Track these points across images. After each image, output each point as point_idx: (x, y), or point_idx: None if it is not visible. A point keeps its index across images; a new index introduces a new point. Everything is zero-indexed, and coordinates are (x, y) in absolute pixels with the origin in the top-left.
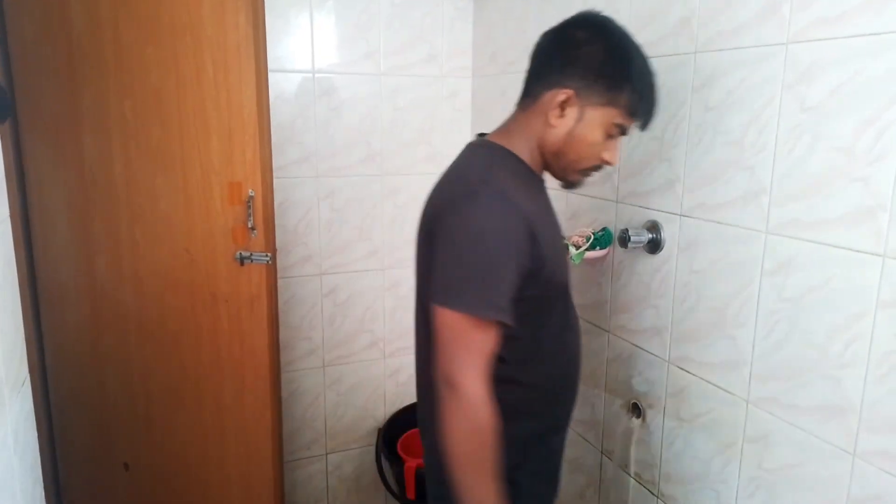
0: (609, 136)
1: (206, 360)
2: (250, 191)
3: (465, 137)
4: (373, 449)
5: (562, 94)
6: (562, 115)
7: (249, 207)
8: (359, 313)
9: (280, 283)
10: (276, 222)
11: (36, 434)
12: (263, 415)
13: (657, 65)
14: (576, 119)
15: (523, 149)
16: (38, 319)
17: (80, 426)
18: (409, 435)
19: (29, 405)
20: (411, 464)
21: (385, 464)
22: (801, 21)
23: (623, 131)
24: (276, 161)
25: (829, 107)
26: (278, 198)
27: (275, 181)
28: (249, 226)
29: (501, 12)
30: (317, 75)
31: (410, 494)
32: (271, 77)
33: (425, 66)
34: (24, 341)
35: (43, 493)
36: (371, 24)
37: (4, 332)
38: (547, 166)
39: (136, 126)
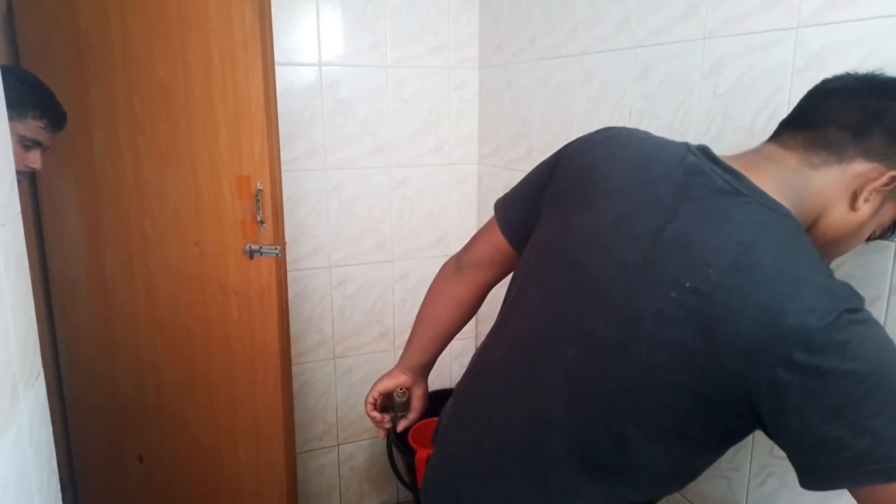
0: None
1: (217, 354)
2: (259, 184)
3: (472, 128)
4: (384, 439)
5: (886, 177)
6: (867, 201)
7: (258, 201)
8: (368, 305)
9: (290, 275)
10: (285, 215)
11: (51, 427)
12: (275, 407)
13: (665, 52)
14: (874, 209)
15: (798, 217)
16: (50, 314)
17: (94, 419)
18: (420, 425)
19: (43, 399)
20: (422, 454)
21: (396, 454)
22: (810, 4)
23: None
24: (284, 154)
25: None
26: (287, 191)
27: (283, 174)
28: (258, 219)
29: (507, 2)
30: (323, 68)
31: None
32: (278, 70)
33: (431, 57)
34: (37, 336)
35: (59, 486)
36: (377, 16)
37: (18, 327)
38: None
39: (144, 121)
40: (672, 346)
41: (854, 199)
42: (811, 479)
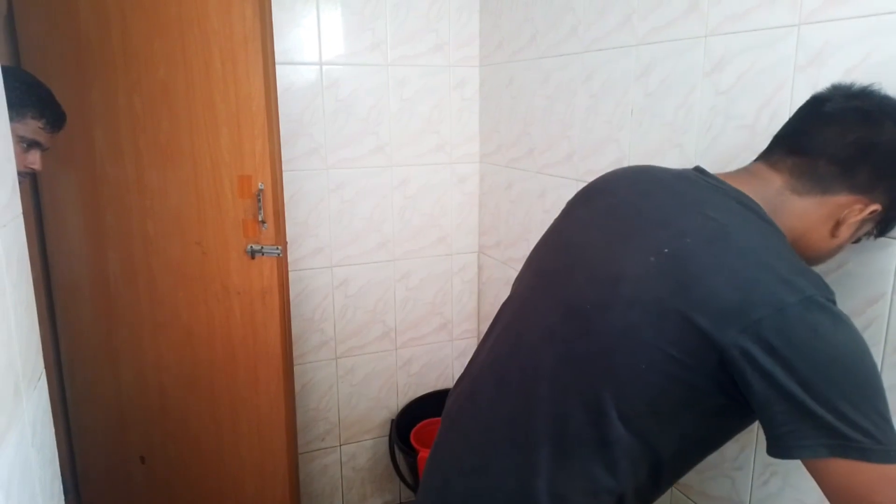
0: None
1: (219, 353)
2: (260, 184)
3: (474, 127)
4: (386, 440)
5: (868, 211)
6: (848, 228)
7: (259, 200)
8: (370, 305)
9: (291, 275)
10: (287, 215)
11: (53, 428)
12: (277, 407)
13: (667, 50)
14: (853, 232)
15: (786, 234)
16: (52, 315)
17: (97, 420)
18: (422, 425)
19: (45, 400)
20: (424, 454)
21: (398, 454)
22: (812, 2)
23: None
24: (286, 154)
25: None
26: (288, 190)
27: (284, 174)
28: (260, 219)
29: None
30: (324, 67)
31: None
32: (279, 70)
33: (432, 55)
34: (39, 336)
35: (61, 487)
36: (377, 15)
37: (20, 327)
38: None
39: (145, 120)
40: (647, 304)
41: (836, 227)
42: (775, 445)
